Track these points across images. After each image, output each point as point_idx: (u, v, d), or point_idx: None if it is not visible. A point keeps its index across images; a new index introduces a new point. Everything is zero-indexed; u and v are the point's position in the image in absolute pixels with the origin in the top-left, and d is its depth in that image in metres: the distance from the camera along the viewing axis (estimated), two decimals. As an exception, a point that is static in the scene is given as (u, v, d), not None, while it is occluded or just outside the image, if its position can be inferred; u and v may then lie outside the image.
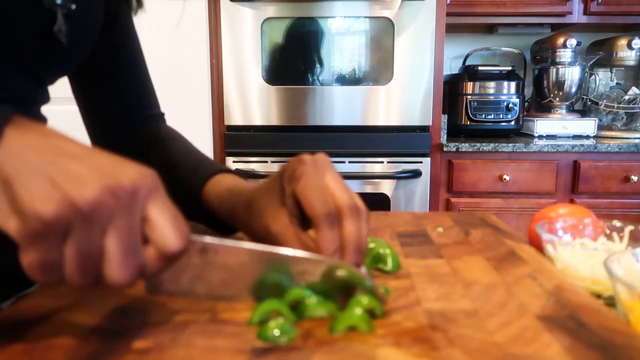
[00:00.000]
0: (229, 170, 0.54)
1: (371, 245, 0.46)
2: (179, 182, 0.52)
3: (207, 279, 0.38)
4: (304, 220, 0.41)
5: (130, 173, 0.30)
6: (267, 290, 0.37)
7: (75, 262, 0.28)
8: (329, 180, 0.40)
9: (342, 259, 0.38)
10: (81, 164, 0.29)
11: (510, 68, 1.97)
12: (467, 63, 2.18)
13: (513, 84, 1.95)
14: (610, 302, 0.43)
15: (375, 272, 0.46)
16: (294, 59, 1.81)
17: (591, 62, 2.04)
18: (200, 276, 0.37)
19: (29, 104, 0.47)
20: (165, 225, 0.30)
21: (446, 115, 1.86)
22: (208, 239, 0.35)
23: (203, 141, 1.81)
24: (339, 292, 0.37)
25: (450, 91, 2.02)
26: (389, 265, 0.45)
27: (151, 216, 0.30)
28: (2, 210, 0.27)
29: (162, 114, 0.65)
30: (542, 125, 1.99)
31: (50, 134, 0.30)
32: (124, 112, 0.60)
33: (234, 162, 1.79)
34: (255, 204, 0.44)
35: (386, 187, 1.78)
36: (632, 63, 2.03)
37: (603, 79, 2.17)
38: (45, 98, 0.50)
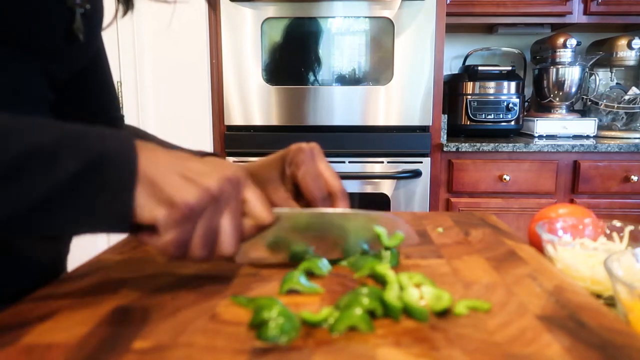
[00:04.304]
0: (213, 153, 0.60)
1: None
2: None
3: (283, 244, 0.47)
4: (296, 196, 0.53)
5: (232, 167, 0.40)
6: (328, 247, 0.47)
7: (201, 239, 0.37)
8: (323, 168, 0.52)
9: None
10: (199, 164, 0.38)
11: (510, 68, 1.97)
12: (467, 63, 2.18)
13: (513, 84, 1.95)
14: (610, 302, 0.43)
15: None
16: (293, 59, 1.81)
17: (591, 62, 2.04)
18: (278, 243, 0.46)
19: (44, 104, 0.47)
20: (258, 204, 0.41)
21: (446, 115, 1.86)
22: (278, 210, 0.44)
23: (203, 141, 1.81)
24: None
25: (450, 91, 2.02)
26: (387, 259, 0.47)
27: (248, 198, 0.41)
28: (148, 203, 0.35)
29: (123, 117, 0.66)
30: (542, 125, 1.99)
31: (157, 147, 0.38)
32: (93, 113, 0.59)
33: (234, 162, 1.79)
34: (259, 175, 0.53)
35: (386, 187, 1.78)
36: (632, 63, 2.03)
37: (603, 79, 2.17)
38: (50, 98, 0.50)
